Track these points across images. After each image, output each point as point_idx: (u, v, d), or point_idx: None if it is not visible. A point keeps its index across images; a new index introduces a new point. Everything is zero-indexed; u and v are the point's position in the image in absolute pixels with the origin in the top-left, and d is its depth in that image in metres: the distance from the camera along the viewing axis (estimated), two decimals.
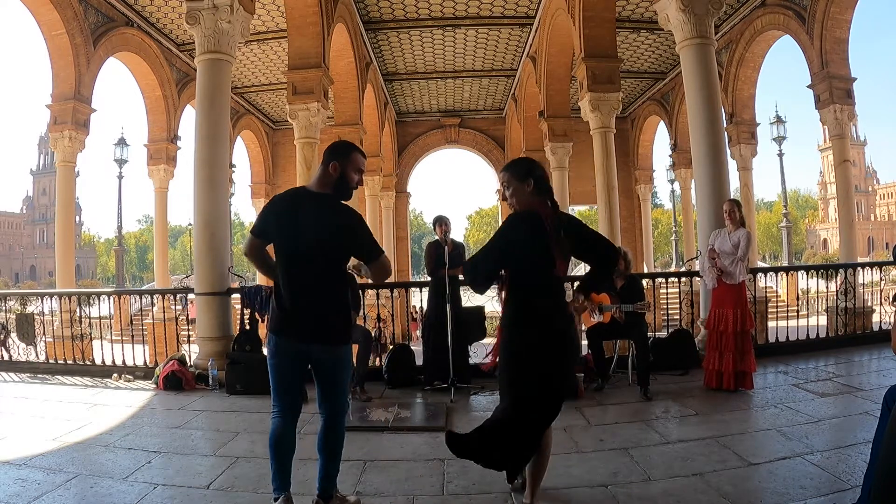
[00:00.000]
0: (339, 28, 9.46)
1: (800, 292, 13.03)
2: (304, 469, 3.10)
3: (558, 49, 10.52)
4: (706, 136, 5.81)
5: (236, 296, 5.93)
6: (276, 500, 2.42)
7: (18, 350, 7.55)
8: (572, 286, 3.03)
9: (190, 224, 13.01)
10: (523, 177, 2.52)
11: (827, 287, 10.28)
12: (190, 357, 5.74)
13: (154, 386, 5.34)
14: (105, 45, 10.00)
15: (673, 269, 19.31)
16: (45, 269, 64.12)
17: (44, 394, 5.17)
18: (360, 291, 5.48)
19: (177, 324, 6.77)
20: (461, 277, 5.33)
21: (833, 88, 9.47)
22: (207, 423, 4.22)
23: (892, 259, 2.36)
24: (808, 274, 10.20)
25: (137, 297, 14.39)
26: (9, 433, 3.86)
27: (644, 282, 5.97)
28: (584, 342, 5.27)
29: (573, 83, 11.31)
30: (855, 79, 9.61)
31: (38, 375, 5.99)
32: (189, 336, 6.75)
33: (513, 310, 2.52)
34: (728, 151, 10.22)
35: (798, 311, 9.07)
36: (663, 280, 9.72)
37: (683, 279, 6.70)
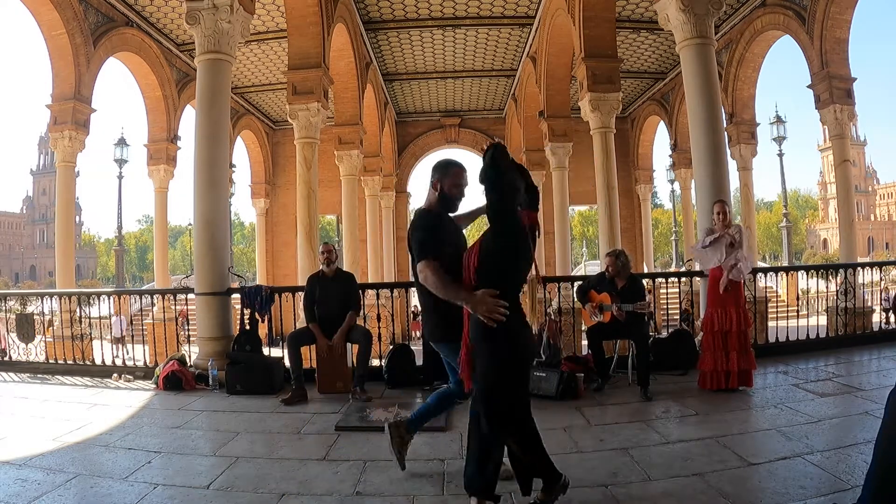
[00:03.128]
0: (339, 28, 9.46)
1: (800, 292, 13.04)
2: (304, 469, 3.11)
3: (558, 49, 10.52)
4: (706, 136, 5.80)
5: (236, 296, 5.93)
6: None
7: (18, 350, 7.54)
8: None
9: (190, 224, 13.02)
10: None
11: (827, 287, 10.28)
12: (190, 357, 5.74)
13: (154, 386, 5.33)
14: (105, 45, 10.01)
15: (673, 269, 19.32)
16: (45, 269, 64.14)
17: (44, 394, 5.17)
18: (360, 291, 5.48)
19: (177, 324, 6.77)
20: None
21: (833, 88, 9.47)
22: (207, 423, 4.22)
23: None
24: (808, 274, 10.22)
25: (137, 298, 14.40)
26: (9, 433, 3.86)
27: (644, 282, 5.97)
28: (584, 342, 5.29)
29: (573, 83, 11.31)
30: (855, 79, 9.61)
31: (38, 375, 5.98)
32: (189, 336, 6.75)
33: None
34: (728, 151, 10.22)
35: (798, 311, 9.05)
36: (663, 280, 9.72)
37: (683, 279, 6.70)
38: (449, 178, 2.73)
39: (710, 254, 4.79)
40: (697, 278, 5.99)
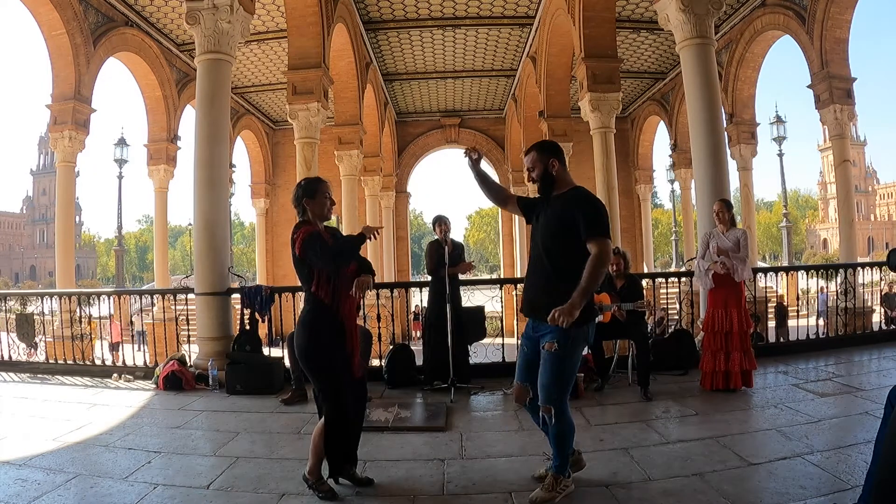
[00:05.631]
0: (339, 28, 9.46)
1: (800, 292, 13.03)
2: (303, 469, 3.11)
3: (558, 49, 10.52)
4: (706, 136, 5.80)
5: (236, 296, 5.93)
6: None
7: (18, 350, 7.53)
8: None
9: (190, 224, 13.01)
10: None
11: (827, 287, 10.27)
12: (190, 357, 5.75)
13: (154, 386, 5.34)
14: (105, 45, 10.01)
15: (673, 269, 19.31)
16: (45, 269, 64.09)
17: (44, 394, 5.17)
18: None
19: (177, 324, 6.76)
20: (461, 277, 5.35)
21: (833, 88, 9.48)
22: (207, 423, 4.22)
23: (886, 261, 2.38)
24: (808, 274, 10.21)
25: (137, 298, 14.39)
26: (9, 433, 3.87)
27: (644, 282, 5.98)
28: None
29: (573, 83, 11.31)
30: (855, 79, 9.62)
31: (38, 375, 5.98)
32: (189, 336, 6.75)
33: None
34: (728, 151, 10.23)
35: (798, 311, 9.06)
36: (663, 280, 9.72)
37: (683, 279, 6.70)
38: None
39: (706, 278, 4.78)
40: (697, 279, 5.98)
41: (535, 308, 2.69)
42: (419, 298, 6.04)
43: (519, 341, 3.80)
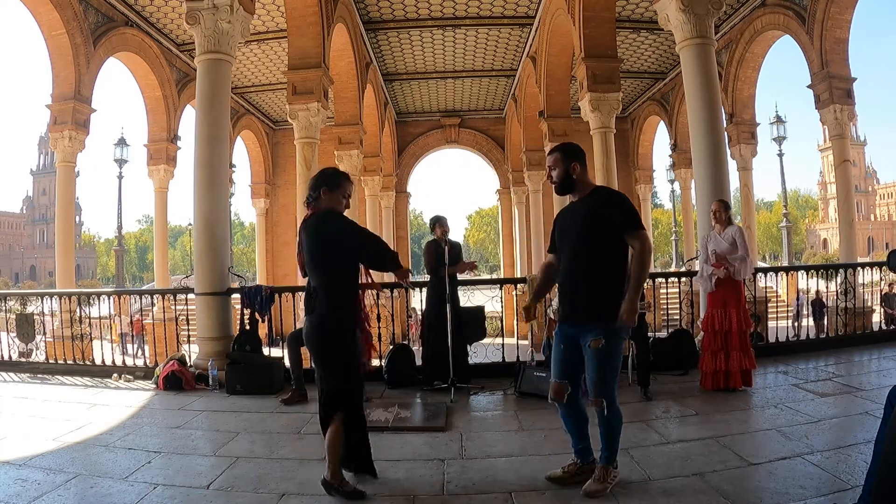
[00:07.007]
0: (339, 28, 9.46)
1: (800, 292, 13.03)
2: (303, 469, 3.12)
3: (558, 49, 10.52)
4: (706, 136, 5.80)
5: (236, 296, 5.93)
6: None
7: (17, 350, 7.53)
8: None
9: (190, 224, 13.01)
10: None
11: (827, 287, 10.28)
12: (190, 357, 5.75)
13: (154, 386, 5.33)
14: (105, 45, 10.01)
15: (673, 269, 19.31)
16: (45, 269, 64.10)
17: (44, 394, 5.17)
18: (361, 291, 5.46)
19: (177, 324, 6.76)
20: (459, 277, 5.35)
21: (833, 88, 9.48)
22: (207, 423, 4.22)
23: (886, 262, 2.40)
24: (808, 274, 10.20)
25: (137, 298, 14.39)
26: (9, 433, 3.86)
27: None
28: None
29: (573, 83, 11.31)
30: (855, 79, 9.62)
31: (38, 375, 5.98)
32: (189, 336, 6.75)
33: None
34: (728, 151, 10.23)
35: (799, 312, 9.07)
36: (663, 280, 9.72)
37: (683, 279, 6.70)
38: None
39: (708, 283, 4.80)
40: (697, 278, 5.98)
41: (575, 310, 2.72)
42: (418, 299, 6.04)
43: (519, 342, 3.80)
